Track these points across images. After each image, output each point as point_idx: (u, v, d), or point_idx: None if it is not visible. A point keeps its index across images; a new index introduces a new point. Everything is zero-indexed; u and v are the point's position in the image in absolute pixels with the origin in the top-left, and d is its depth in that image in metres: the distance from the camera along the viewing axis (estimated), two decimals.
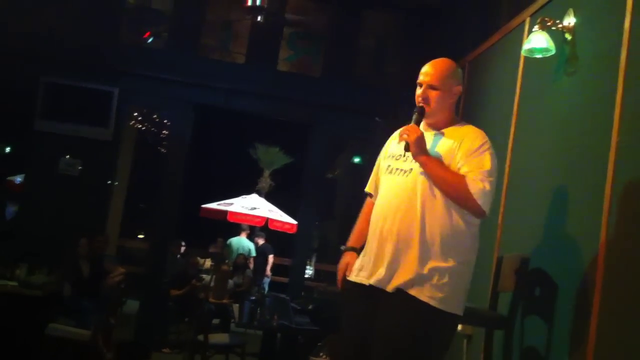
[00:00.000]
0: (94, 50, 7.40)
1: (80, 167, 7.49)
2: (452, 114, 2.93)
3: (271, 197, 13.01)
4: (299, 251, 8.68)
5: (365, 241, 2.95)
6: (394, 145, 2.97)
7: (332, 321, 5.69)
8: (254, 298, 9.47)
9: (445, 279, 2.66)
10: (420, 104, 2.86)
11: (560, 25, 3.63)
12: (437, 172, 2.74)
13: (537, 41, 3.58)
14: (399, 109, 7.19)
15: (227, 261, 10.34)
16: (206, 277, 9.12)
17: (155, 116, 12.88)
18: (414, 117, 2.85)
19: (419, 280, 2.67)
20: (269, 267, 11.24)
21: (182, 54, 7.88)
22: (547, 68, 3.81)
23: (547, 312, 3.35)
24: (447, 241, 2.70)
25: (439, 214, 2.72)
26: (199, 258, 10.47)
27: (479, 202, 2.68)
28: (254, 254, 11.23)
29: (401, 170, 2.86)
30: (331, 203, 16.33)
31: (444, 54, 2.99)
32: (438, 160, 2.78)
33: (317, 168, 8.55)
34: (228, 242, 11.37)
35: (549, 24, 3.62)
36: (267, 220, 10.99)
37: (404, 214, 2.75)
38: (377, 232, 2.82)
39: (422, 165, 2.76)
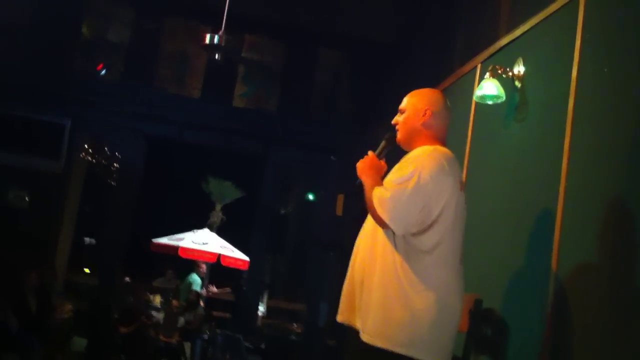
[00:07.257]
0: (47, 81, 7.32)
1: (27, 199, 7.34)
2: (424, 139, 2.70)
3: (222, 231, 12.87)
4: (251, 287, 8.62)
5: None
6: None
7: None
8: (205, 336, 9.32)
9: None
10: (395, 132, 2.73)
11: (510, 73, 3.75)
12: (366, 194, 2.53)
13: (489, 88, 3.69)
14: (353, 146, 7.30)
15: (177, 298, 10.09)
16: (157, 315, 8.93)
17: (106, 148, 12.68)
18: (381, 144, 2.72)
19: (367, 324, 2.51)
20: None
21: (136, 85, 7.86)
22: (497, 114, 3.93)
23: (499, 352, 3.41)
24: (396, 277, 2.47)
25: (389, 249, 2.49)
26: (148, 294, 10.22)
27: (377, 209, 2.42)
28: None
29: None
30: (283, 238, 16.25)
31: (398, 94, 2.93)
32: (376, 182, 2.55)
33: (270, 202, 8.56)
34: (187, 277, 11.05)
35: (499, 71, 3.74)
36: (219, 256, 10.82)
37: (364, 253, 2.61)
38: (348, 270, 2.71)
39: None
